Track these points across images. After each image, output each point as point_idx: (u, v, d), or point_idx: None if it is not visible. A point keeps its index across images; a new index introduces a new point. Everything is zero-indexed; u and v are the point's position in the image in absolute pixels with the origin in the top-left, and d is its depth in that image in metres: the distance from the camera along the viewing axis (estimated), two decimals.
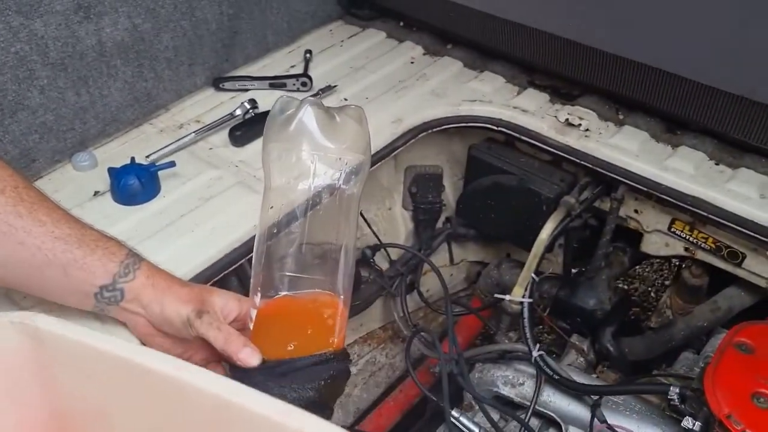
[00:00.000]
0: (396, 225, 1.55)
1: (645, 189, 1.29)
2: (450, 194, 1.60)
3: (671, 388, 1.09)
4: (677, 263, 1.56)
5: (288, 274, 0.91)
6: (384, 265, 1.52)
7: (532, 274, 1.32)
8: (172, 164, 1.25)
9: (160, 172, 1.24)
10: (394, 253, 1.54)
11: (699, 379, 1.06)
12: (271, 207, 0.90)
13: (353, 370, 1.63)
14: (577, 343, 1.46)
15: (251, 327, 0.92)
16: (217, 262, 1.11)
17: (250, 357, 0.88)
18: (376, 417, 1.53)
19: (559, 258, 1.58)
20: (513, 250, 1.66)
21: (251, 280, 0.92)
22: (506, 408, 1.22)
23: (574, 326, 1.51)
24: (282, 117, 0.86)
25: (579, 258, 1.52)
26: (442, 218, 1.62)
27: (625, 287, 1.77)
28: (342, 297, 0.92)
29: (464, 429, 1.31)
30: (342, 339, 0.93)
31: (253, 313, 0.92)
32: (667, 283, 1.82)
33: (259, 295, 0.91)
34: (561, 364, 1.42)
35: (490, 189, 1.46)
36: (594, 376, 1.35)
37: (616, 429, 1.13)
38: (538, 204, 1.38)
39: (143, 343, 0.96)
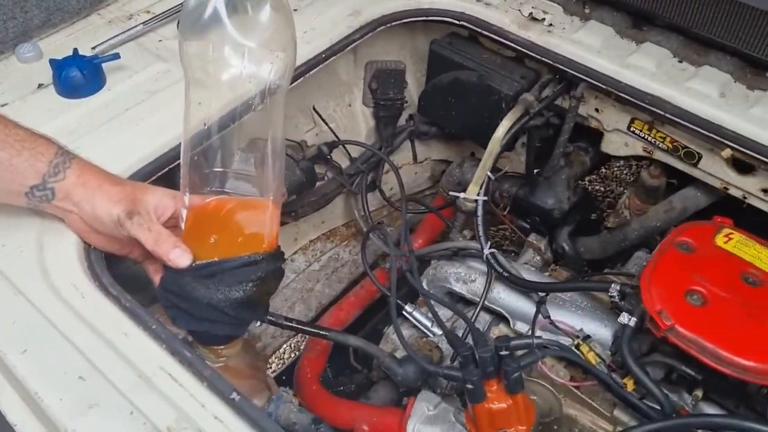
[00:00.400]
0: (356, 122, 1.52)
1: (604, 87, 1.27)
2: (414, 91, 1.56)
3: (612, 285, 1.11)
4: (639, 164, 1.55)
5: (217, 170, 0.90)
6: (344, 163, 1.51)
7: (488, 173, 1.31)
8: (117, 56, 1.21)
9: (105, 65, 1.21)
10: (356, 151, 1.52)
11: (639, 277, 1.07)
12: (200, 103, 0.88)
13: (316, 266, 1.65)
14: (534, 242, 1.46)
15: (182, 227, 0.91)
16: (159, 157, 1.09)
17: (179, 258, 0.88)
18: (336, 311, 1.56)
19: (522, 157, 1.56)
20: (477, 149, 1.64)
21: (180, 180, 0.91)
22: (452, 303, 1.24)
23: (533, 225, 1.51)
24: (196, 11, 0.82)
25: (542, 158, 1.50)
26: (406, 115, 1.59)
27: (587, 187, 1.76)
28: (272, 196, 0.92)
29: (417, 323, 1.35)
30: (274, 238, 0.94)
31: (184, 212, 0.91)
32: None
33: (188, 194, 0.90)
34: (518, 262, 1.44)
35: (451, 85, 1.43)
36: (546, 274, 1.37)
37: (558, 324, 1.16)
38: (498, 101, 1.35)
39: (82, 240, 0.97)
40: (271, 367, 2.28)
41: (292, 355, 1.66)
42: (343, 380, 1.60)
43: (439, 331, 1.34)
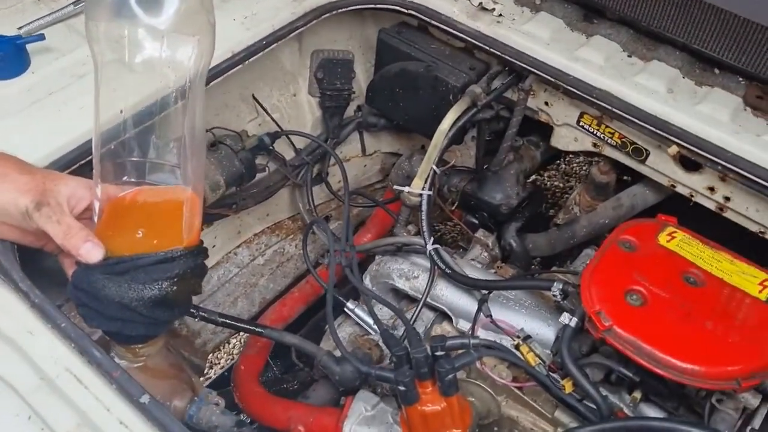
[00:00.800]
0: (302, 112, 1.47)
1: (552, 80, 1.23)
2: (363, 81, 1.52)
3: (555, 283, 1.08)
4: (589, 160, 1.52)
5: (134, 159, 0.85)
6: (289, 155, 1.46)
7: (433, 166, 1.28)
8: (41, 37, 1.15)
9: (29, 46, 1.14)
10: (301, 142, 1.47)
11: (580, 276, 1.04)
12: (114, 89, 0.83)
13: (260, 260, 1.60)
14: (482, 237, 1.43)
15: (95, 220, 0.86)
16: (82, 145, 1.03)
17: (89, 252, 0.83)
18: (279, 307, 1.51)
19: (472, 151, 1.53)
20: (427, 143, 1.60)
21: (93, 170, 0.85)
22: (387, 301, 1.20)
23: (481, 221, 1.48)
24: None
25: (493, 152, 1.47)
26: (354, 106, 1.54)
27: (542, 183, 1.73)
28: (191, 188, 0.87)
29: (358, 320, 1.31)
30: (196, 233, 0.89)
31: (97, 204, 0.86)
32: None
33: (100, 184, 0.85)
34: (465, 258, 1.41)
35: (399, 76, 1.39)
36: (491, 271, 1.34)
37: (499, 323, 1.12)
38: (445, 93, 1.32)
39: None
40: (219, 363, 2.24)
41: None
42: (288, 378, 1.56)
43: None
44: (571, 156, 2.06)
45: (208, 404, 0.92)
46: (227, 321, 1.16)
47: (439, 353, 0.98)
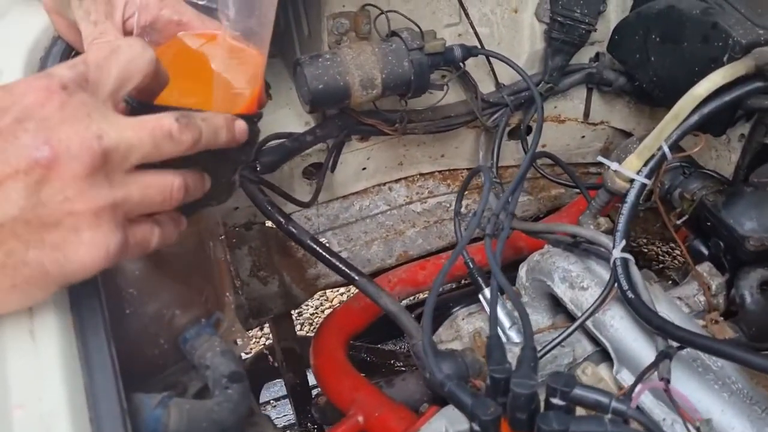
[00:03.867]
0: (519, 37, 1.12)
1: None
2: (613, 21, 1.12)
3: None
4: None
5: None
6: (486, 86, 1.13)
7: (664, 144, 0.87)
8: None
9: None
10: (506, 75, 1.14)
11: None
12: None
13: (417, 206, 1.31)
14: (704, 274, 1.00)
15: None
16: None
17: None
18: (416, 269, 1.21)
19: (734, 155, 1.08)
20: None
21: None
22: (518, 301, 0.83)
23: (713, 252, 1.04)
24: None
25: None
26: (591, 52, 1.16)
27: None
28: (261, 45, 0.64)
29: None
30: (254, 99, 0.63)
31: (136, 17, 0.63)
32: None
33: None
34: (670, 292, 0.99)
35: (662, 17, 0.98)
36: (701, 323, 0.91)
37: (674, 395, 0.72)
38: (720, 50, 0.89)
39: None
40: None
41: None
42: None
43: (515, 337, 0.95)
44: None
45: (212, 336, 0.66)
46: (316, 247, 0.90)
47: (556, 401, 0.62)
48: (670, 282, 1.11)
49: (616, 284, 0.84)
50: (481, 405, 0.61)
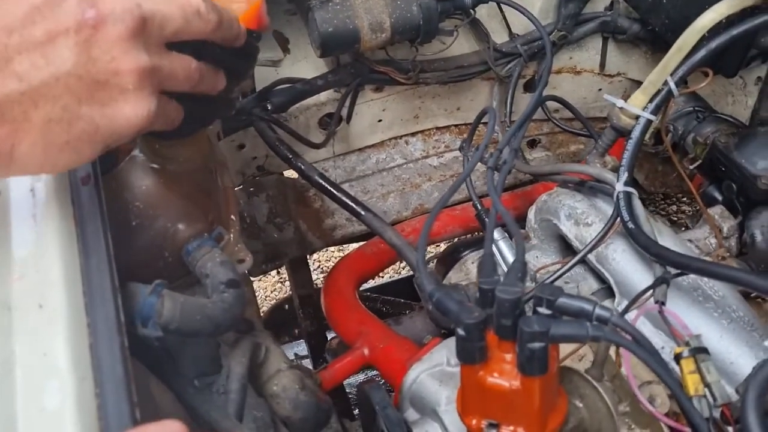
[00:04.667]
0: None
1: None
2: None
3: None
4: None
5: None
6: (499, 36, 1.14)
7: (669, 79, 0.87)
8: None
9: None
10: (519, 25, 1.14)
11: None
12: None
13: (434, 161, 1.32)
14: (716, 217, 1.00)
15: None
16: None
17: None
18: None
19: (750, 99, 1.07)
20: None
21: None
22: (516, 228, 0.83)
23: (726, 197, 1.03)
24: None
25: None
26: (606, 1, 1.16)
27: None
28: None
29: (500, 257, 0.98)
30: (253, 12, 0.65)
31: None
32: None
33: None
34: (680, 235, 0.99)
35: None
36: (702, 254, 0.91)
37: (668, 314, 0.72)
38: None
39: None
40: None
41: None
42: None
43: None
44: None
45: (212, 248, 0.69)
46: (324, 183, 0.92)
47: (542, 310, 0.63)
48: (682, 229, 1.10)
49: (619, 218, 0.85)
50: (466, 310, 0.63)
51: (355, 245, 1.28)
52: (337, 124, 1.12)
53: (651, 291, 0.77)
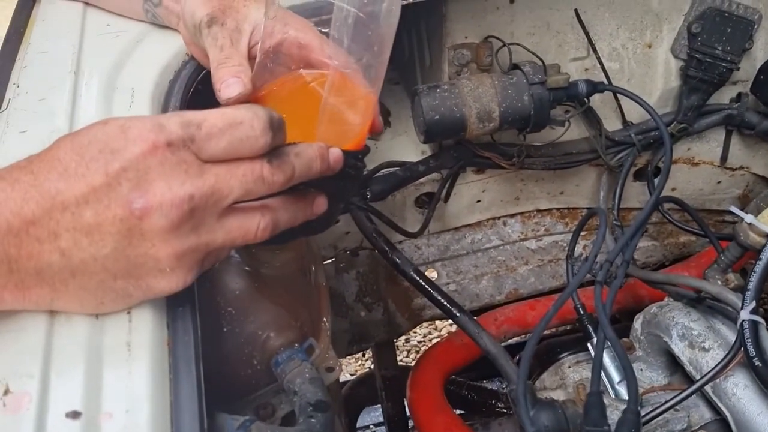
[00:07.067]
0: (652, 73, 1.06)
1: None
2: (759, 59, 1.04)
3: None
4: None
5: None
6: (611, 124, 1.08)
7: None
8: None
9: None
10: (635, 114, 1.08)
11: None
12: None
13: (532, 244, 1.26)
14: None
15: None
16: None
17: (228, 87, 0.62)
18: (525, 309, 1.17)
19: None
20: None
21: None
22: (621, 350, 0.76)
23: None
24: None
25: None
26: (733, 93, 1.08)
27: None
28: (373, 86, 0.64)
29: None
30: (362, 136, 0.64)
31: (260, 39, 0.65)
32: None
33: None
34: None
35: None
36: None
37: None
38: None
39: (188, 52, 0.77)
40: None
41: None
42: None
43: (624, 393, 0.89)
44: None
45: (303, 362, 0.66)
46: (419, 279, 0.89)
47: None
48: None
49: (742, 348, 0.77)
50: None
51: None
52: (434, 208, 1.08)
53: None
